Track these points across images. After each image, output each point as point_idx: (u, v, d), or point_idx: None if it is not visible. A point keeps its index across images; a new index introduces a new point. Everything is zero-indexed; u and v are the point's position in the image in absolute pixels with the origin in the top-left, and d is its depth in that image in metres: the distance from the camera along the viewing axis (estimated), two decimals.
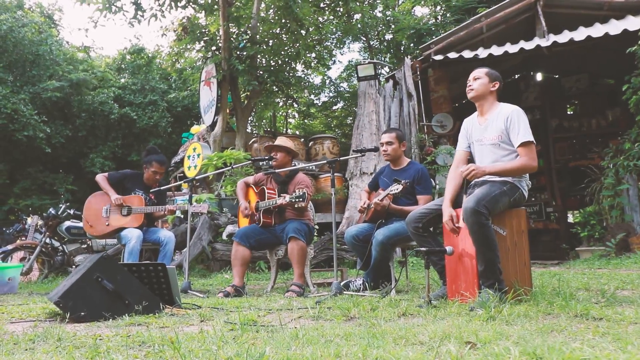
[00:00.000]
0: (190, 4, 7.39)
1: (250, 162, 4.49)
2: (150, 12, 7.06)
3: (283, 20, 8.67)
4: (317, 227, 7.68)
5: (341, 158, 4.03)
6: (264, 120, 16.56)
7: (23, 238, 7.58)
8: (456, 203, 2.94)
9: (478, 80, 3.03)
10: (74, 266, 7.01)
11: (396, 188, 3.51)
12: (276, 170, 4.31)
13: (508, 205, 2.80)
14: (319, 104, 15.67)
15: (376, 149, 3.96)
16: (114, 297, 2.45)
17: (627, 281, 3.89)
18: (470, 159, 3.16)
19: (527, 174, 2.95)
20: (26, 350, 1.66)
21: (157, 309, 2.56)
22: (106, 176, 4.84)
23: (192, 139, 11.00)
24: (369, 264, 3.84)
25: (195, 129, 12.21)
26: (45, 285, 6.11)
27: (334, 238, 3.71)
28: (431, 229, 3.10)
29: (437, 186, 7.23)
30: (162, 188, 4.82)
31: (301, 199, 3.90)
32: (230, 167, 4.52)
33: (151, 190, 4.74)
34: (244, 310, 2.79)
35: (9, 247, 6.63)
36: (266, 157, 4.43)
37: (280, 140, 4.49)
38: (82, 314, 2.35)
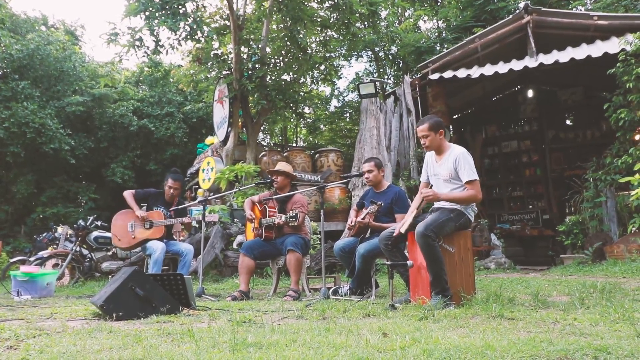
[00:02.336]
0: (205, 37, 8.14)
1: (254, 185, 5.21)
2: (168, 41, 7.83)
3: (287, 47, 9.38)
4: (319, 235, 8.38)
5: (329, 185, 4.72)
6: (276, 132, 17.37)
7: (54, 246, 8.40)
8: (412, 226, 3.61)
9: (427, 138, 3.62)
10: (101, 272, 7.80)
11: (373, 208, 4.20)
12: (274, 197, 5.03)
13: (454, 228, 3.45)
14: (327, 113, 16.38)
15: (360, 175, 4.65)
16: (144, 301, 3.17)
17: (579, 288, 4.51)
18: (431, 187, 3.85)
19: (474, 203, 3.61)
20: (92, 338, 2.37)
21: (177, 310, 3.28)
22: (133, 193, 5.57)
23: (206, 151, 11.77)
24: (353, 272, 4.52)
25: (209, 140, 12.99)
26: (76, 289, 6.90)
27: (322, 251, 4.40)
28: (402, 244, 3.77)
29: None
30: (181, 206, 5.55)
31: (294, 219, 4.61)
32: (237, 189, 5.24)
33: (172, 208, 5.49)
34: (245, 311, 3.49)
35: (44, 254, 7.43)
36: (268, 180, 5.15)
37: (280, 166, 5.21)
38: (120, 314, 3.07)
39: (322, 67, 12.52)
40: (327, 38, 12.16)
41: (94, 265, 7.71)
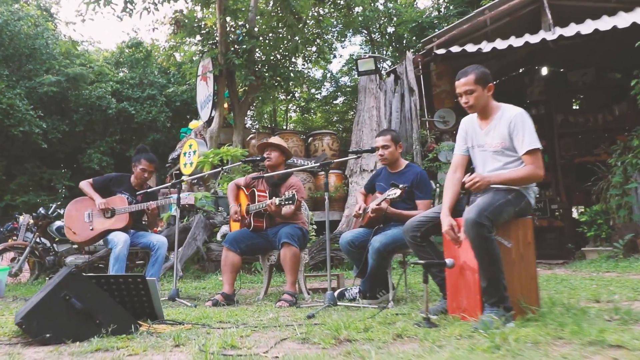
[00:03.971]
0: None
1: (242, 162, 4.28)
2: (143, 4, 6.83)
3: (280, 14, 8.42)
4: (314, 226, 7.49)
5: (335, 160, 3.80)
6: (265, 115, 16.36)
7: (15, 238, 7.41)
8: (456, 211, 2.73)
9: (473, 95, 2.73)
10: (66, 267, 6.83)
11: (394, 193, 3.29)
12: (265, 175, 4.08)
13: (513, 215, 2.58)
14: (320, 99, 15.43)
15: (374, 150, 3.75)
16: (83, 317, 2.24)
17: (639, 289, 3.68)
18: (470, 164, 2.94)
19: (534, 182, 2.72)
20: None
21: (131, 328, 2.36)
22: (90, 182, 4.63)
23: (189, 135, 10.79)
24: (365, 271, 3.63)
25: (193, 124, 12.00)
26: (35, 288, 5.93)
27: (327, 242, 3.50)
28: (431, 237, 2.88)
29: (439, 187, 7.00)
30: (149, 190, 4.61)
31: (290, 202, 3.69)
32: (221, 169, 4.29)
33: (138, 192, 4.54)
34: (227, 326, 2.59)
35: None
36: (259, 157, 4.22)
37: (275, 140, 4.28)
38: (47, 336, 2.15)
39: (314, 49, 11.57)
40: (321, 15, 11.21)
41: (58, 260, 6.73)
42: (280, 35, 8.86)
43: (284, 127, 16.23)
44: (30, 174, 13.62)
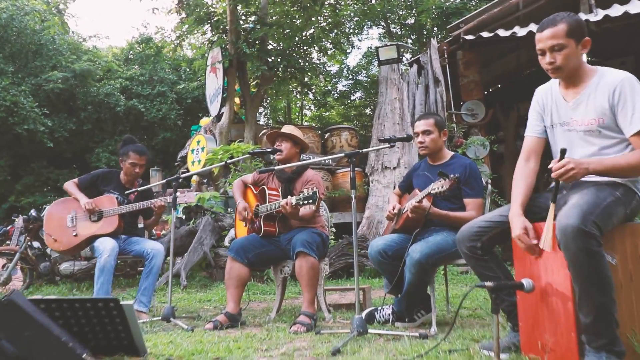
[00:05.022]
0: None
1: (250, 154, 3.62)
2: None
3: None
4: (333, 229, 6.79)
5: (363, 150, 3.10)
6: (279, 112, 15.72)
7: (9, 242, 6.84)
8: (530, 212, 2.02)
9: (563, 52, 1.99)
10: (60, 275, 6.25)
11: (440, 186, 2.58)
12: (276, 168, 3.38)
13: (623, 219, 1.87)
14: (336, 94, 14.73)
15: (409, 138, 3.04)
16: None
17: None
18: (547, 149, 2.23)
19: None
20: None
21: None
22: (76, 182, 4.00)
23: (198, 131, 10.19)
24: (400, 287, 2.94)
25: (204, 121, 11.41)
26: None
27: (355, 250, 2.81)
28: (496, 249, 2.17)
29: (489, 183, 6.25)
30: (142, 188, 3.95)
31: (311, 201, 3.00)
32: (224, 162, 3.62)
33: (128, 191, 3.89)
34: None
35: None
36: (269, 149, 3.54)
37: (288, 129, 3.59)
38: None
39: (330, 41, 10.88)
40: (338, 4, 10.52)
41: (51, 266, 6.13)
42: (295, 22, 8.17)
43: (301, 122, 15.56)
44: (36, 174, 13.16)
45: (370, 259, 3.04)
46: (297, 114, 16.17)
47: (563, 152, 1.89)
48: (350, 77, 15.37)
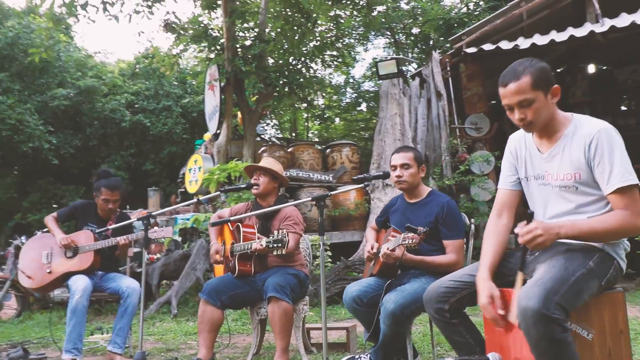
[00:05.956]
0: None
1: (221, 192, 3.46)
2: (135, 6, 6.14)
3: (288, 12, 7.61)
4: (329, 252, 6.63)
5: (330, 193, 2.84)
6: (287, 125, 15.62)
7: (4, 267, 6.79)
8: (500, 273, 1.83)
9: (532, 107, 1.79)
10: (53, 302, 6.17)
11: (410, 239, 2.40)
12: (246, 215, 3.21)
13: (597, 291, 1.68)
14: (342, 105, 14.57)
15: (386, 175, 2.86)
16: None
17: None
18: (523, 203, 2.03)
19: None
20: None
21: None
22: (55, 216, 3.90)
23: (199, 148, 10.11)
24: (378, 335, 2.75)
25: (208, 135, 11.36)
26: (10, 329, 5.26)
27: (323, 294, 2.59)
28: (466, 310, 1.98)
29: (474, 220, 6.05)
30: (121, 224, 3.79)
31: (280, 244, 2.84)
32: (197, 199, 3.46)
33: (99, 230, 3.76)
34: None
35: None
36: (243, 185, 3.39)
37: (265, 162, 3.44)
38: None
39: (335, 53, 10.74)
40: (341, 17, 10.38)
41: (43, 294, 6.04)
42: (291, 38, 8.04)
43: (306, 137, 15.44)
44: (43, 190, 13.21)
45: (345, 305, 2.86)
46: (303, 125, 16.06)
47: (530, 215, 1.71)
48: (356, 87, 15.22)
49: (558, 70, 11.15)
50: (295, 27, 7.65)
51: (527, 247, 1.72)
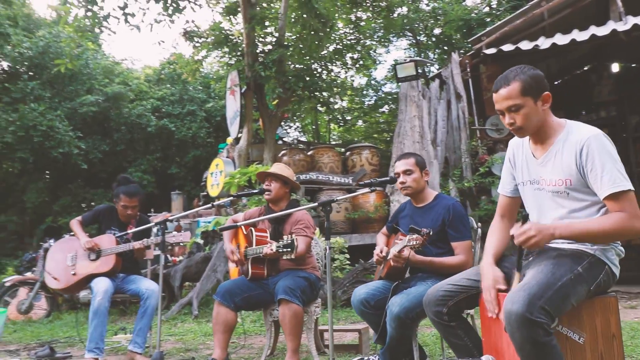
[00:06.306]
0: (192, 3, 6.59)
1: (233, 197, 3.57)
2: (155, 16, 6.34)
3: (305, 17, 7.70)
4: (347, 256, 6.69)
5: (337, 199, 2.89)
6: (310, 128, 15.72)
7: (35, 269, 7.07)
8: (502, 265, 1.86)
9: (520, 112, 1.85)
10: (80, 303, 6.39)
11: (415, 240, 2.45)
12: (259, 218, 3.29)
13: (586, 296, 1.70)
14: (362, 107, 14.60)
15: (392, 180, 2.92)
16: None
17: None
18: (521, 207, 2.06)
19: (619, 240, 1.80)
20: None
21: None
22: (80, 220, 4.08)
23: (222, 152, 10.29)
24: (385, 336, 2.80)
25: (230, 139, 11.56)
26: (38, 329, 5.49)
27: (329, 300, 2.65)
28: (465, 313, 2.02)
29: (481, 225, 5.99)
30: (141, 228, 3.94)
31: (289, 249, 2.92)
32: (211, 205, 3.58)
33: (120, 233, 3.91)
34: None
35: (7, 282, 6.08)
36: (255, 190, 3.49)
37: (276, 168, 3.53)
38: None
39: (356, 55, 10.81)
40: (359, 19, 10.43)
41: (71, 295, 6.26)
42: (309, 43, 8.14)
43: (328, 140, 15.52)
44: (73, 194, 13.63)
45: (353, 308, 2.92)
46: (325, 128, 16.14)
47: (525, 217, 1.74)
48: (378, 89, 15.23)
49: (585, 68, 10.98)
50: (312, 33, 7.74)
51: (522, 248, 1.75)
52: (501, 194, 2.11)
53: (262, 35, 8.47)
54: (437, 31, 13.56)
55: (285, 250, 2.94)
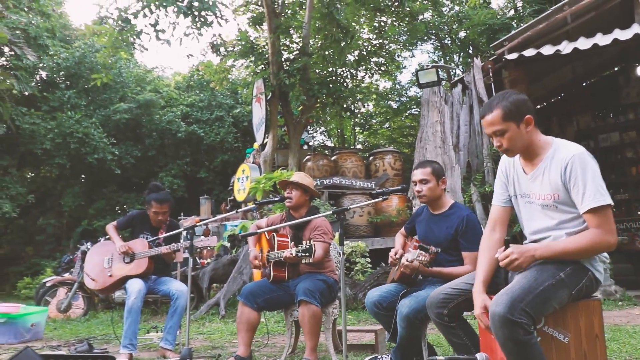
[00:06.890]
0: (219, 18, 6.87)
1: (256, 204, 3.80)
2: (184, 30, 6.67)
3: (327, 26, 7.92)
4: (368, 258, 6.85)
5: (350, 207, 3.11)
6: (338, 131, 15.93)
7: (72, 270, 7.46)
8: (494, 284, 2.02)
9: (505, 136, 2.01)
10: (114, 302, 6.74)
11: (422, 256, 2.64)
12: (280, 225, 3.51)
13: (569, 299, 1.84)
14: (387, 111, 14.71)
15: (405, 189, 3.09)
16: None
17: None
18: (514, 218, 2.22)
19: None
20: None
21: None
22: (115, 225, 4.37)
23: (249, 157, 10.59)
24: (397, 336, 2.97)
25: (256, 145, 11.85)
26: (76, 327, 5.83)
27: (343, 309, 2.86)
28: (464, 314, 2.19)
29: None
30: (171, 233, 4.21)
31: (307, 254, 3.12)
32: (235, 211, 3.83)
33: (152, 238, 4.18)
34: None
35: (47, 283, 6.46)
36: (276, 198, 3.71)
37: (297, 177, 3.74)
38: None
39: (382, 60, 10.96)
40: (383, 25, 10.59)
41: (106, 295, 6.62)
42: (335, 52, 8.35)
43: (353, 144, 15.69)
44: (107, 198, 14.17)
45: (367, 309, 3.10)
46: (350, 133, 16.31)
47: (507, 242, 1.91)
48: (401, 93, 15.31)
49: (613, 70, 10.86)
50: (334, 42, 7.95)
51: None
52: (495, 205, 2.26)
53: (287, 44, 8.71)
54: (461, 34, 13.59)
55: (303, 254, 3.15)
